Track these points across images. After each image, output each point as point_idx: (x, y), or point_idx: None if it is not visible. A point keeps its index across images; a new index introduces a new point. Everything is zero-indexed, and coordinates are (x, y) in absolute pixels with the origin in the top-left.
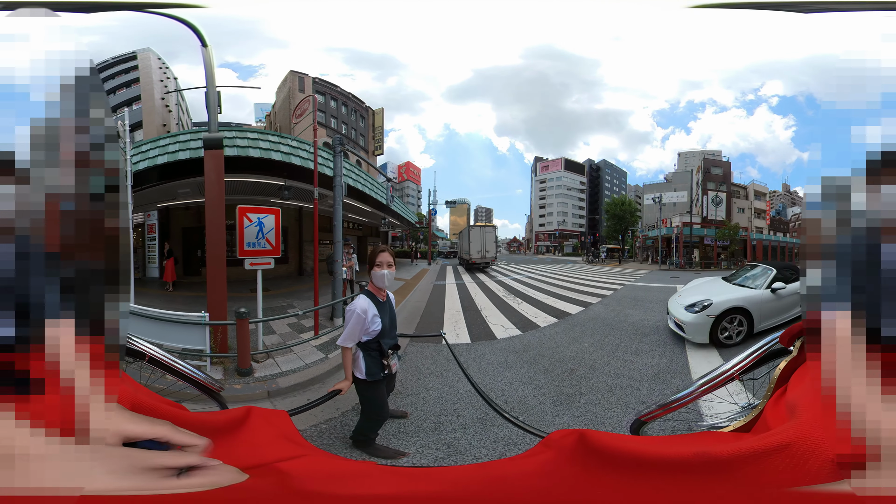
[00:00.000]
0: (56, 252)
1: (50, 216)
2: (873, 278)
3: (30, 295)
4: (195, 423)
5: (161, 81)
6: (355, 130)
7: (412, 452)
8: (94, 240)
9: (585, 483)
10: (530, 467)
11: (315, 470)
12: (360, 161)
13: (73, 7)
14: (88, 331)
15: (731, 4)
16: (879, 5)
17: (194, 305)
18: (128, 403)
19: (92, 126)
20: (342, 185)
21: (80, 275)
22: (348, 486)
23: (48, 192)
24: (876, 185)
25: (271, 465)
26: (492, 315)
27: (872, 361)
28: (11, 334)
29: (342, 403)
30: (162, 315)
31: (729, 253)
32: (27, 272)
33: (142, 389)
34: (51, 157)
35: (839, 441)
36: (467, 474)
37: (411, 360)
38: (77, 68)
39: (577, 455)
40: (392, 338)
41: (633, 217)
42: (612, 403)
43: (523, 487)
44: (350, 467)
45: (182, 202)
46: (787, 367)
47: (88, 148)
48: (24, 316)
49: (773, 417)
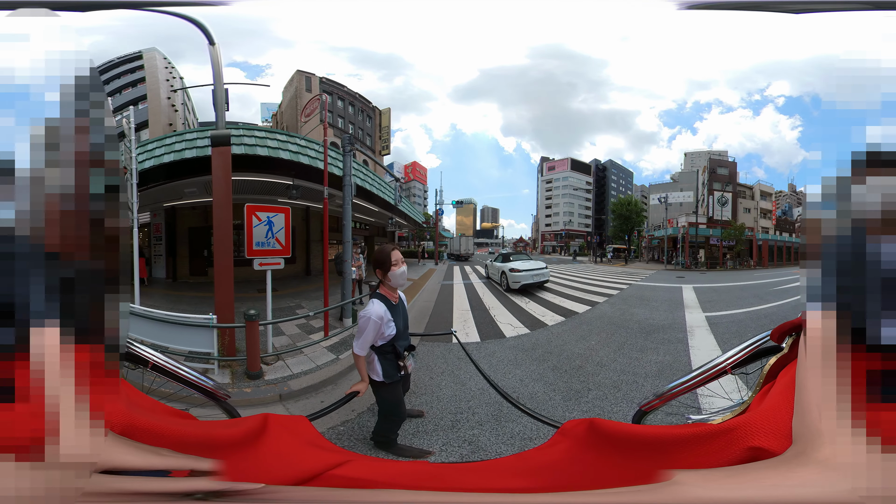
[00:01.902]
0: (56, 252)
1: (50, 216)
2: (855, 278)
3: (24, 299)
4: (208, 438)
5: (167, 81)
6: (362, 130)
7: (437, 451)
8: (95, 240)
9: (601, 465)
10: (559, 455)
11: (381, 472)
12: (367, 161)
13: (75, 7)
14: (86, 337)
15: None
16: (879, 5)
17: (201, 306)
18: (119, 424)
19: (92, 126)
20: (352, 185)
21: (79, 276)
22: (426, 482)
23: (48, 192)
24: (861, 184)
25: (326, 474)
26: (500, 314)
27: (834, 362)
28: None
29: (357, 405)
30: (168, 317)
31: (735, 253)
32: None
33: (143, 403)
34: (51, 157)
35: (762, 434)
36: (513, 465)
37: (423, 360)
38: (77, 69)
39: (590, 441)
40: (406, 339)
41: (639, 217)
42: (619, 398)
43: (561, 473)
44: (410, 467)
45: (188, 202)
46: (777, 364)
47: (89, 148)
48: (19, 322)
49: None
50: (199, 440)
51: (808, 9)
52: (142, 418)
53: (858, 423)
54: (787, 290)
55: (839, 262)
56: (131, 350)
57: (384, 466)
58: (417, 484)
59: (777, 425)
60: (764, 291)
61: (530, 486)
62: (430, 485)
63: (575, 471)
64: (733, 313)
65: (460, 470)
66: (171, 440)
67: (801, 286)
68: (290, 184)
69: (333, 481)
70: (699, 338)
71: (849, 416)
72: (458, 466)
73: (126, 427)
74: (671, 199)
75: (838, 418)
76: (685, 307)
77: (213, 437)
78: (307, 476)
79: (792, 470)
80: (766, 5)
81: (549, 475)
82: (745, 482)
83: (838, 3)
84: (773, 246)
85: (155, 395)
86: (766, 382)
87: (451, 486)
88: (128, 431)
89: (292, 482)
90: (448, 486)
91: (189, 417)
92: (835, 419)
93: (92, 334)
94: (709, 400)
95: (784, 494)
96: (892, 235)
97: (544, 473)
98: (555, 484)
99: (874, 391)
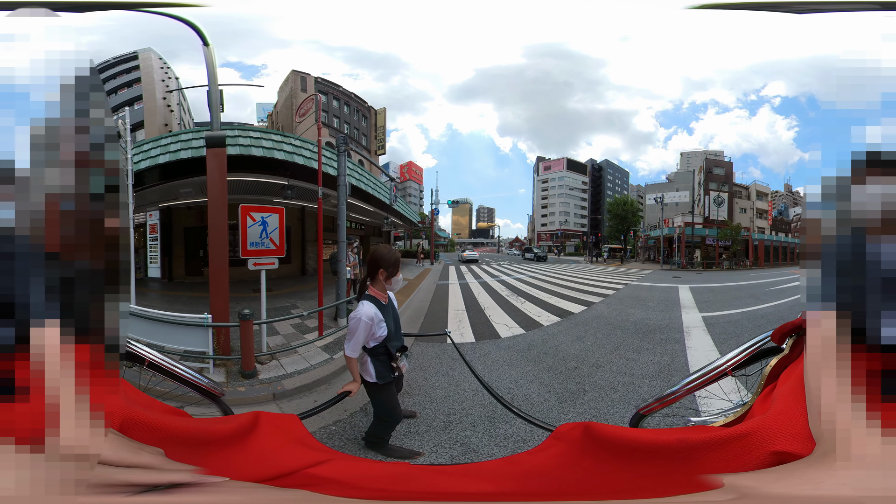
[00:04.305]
0: (55, 252)
1: (50, 216)
2: (857, 279)
3: (24, 298)
4: (199, 433)
5: (163, 81)
6: (357, 130)
7: (427, 452)
8: (94, 240)
9: (596, 471)
10: (551, 460)
11: (354, 473)
12: (362, 161)
13: (73, 7)
14: (86, 336)
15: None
16: (879, 5)
17: (196, 306)
18: (117, 419)
19: (92, 126)
20: (346, 185)
21: (79, 276)
22: (397, 486)
23: (48, 193)
24: (861, 185)
25: (301, 472)
26: (495, 314)
27: (847, 362)
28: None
29: (350, 404)
30: (164, 317)
31: (731, 253)
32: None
33: (140, 400)
34: (51, 157)
35: (784, 437)
36: (500, 469)
37: (417, 360)
38: (77, 68)
39: (586, 446)
40: (398, 340)
41: (635, 217)
42: (615, 400)
43: (552, 479)
44: (387, 469)
45: (184, 202)
46: (778, 365)
47: (88, 148)
48: (19, 322)
49: (759, 413)
50: (191, 435)
51: (810, 9)
52: (139, 413)
53: (876, 421)
54: (784, 291)
55: (839, 263)
56: (128, 348)
57: (363, 467)
58: (392, 487)
59: (795, 428)
60: (760, 291)
61: (518, 491)
62: (405, 488)
63: (569, 477)
64: (730, 313)
65: (443, 473)
66: (164, 434)
67: (801, 286)
68: (285, 184)
69: (305, 480)
70: (696, 338)
71: (865, 415)
72: (441, 469)
73: (125, 421)
74: (667, 199)
75: (855, 417)
76: (681, 307)
77: (203, 432)
78: (281, 472)
79: (831, 470)
80: (770, 6)
81: (539, 480)
82: (802, 483)
83: (839, 3)
84: (769, 246)
85: (151, 393)
86: (768, 384)
87: (428, 489)
88: (126, 425)
89: (265, 477)
90: (424, 489)
91: (184, 415)
92: (851, 418)
93: (92, 333)
94: (707, 401)
95: (837, 493)
96: (892, 236)
97: (534, 478)
98: (546, 490)
99: (889, 388)
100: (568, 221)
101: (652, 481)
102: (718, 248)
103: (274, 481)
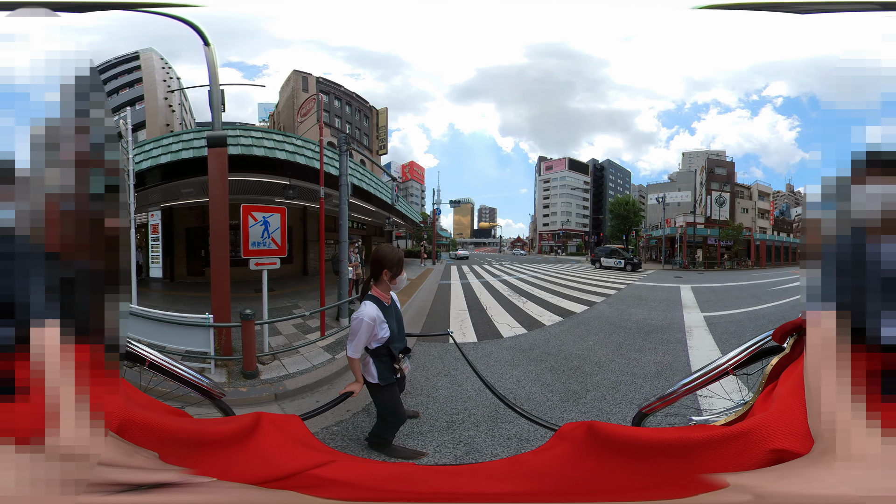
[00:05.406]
0: (56, 252)
1: (50, 216)
2: (857, 279)
3: (24, 298)
4: (198, 434)
5: (164, 81)
6: (359, 130)
7: (430, 452)
8: (94, 240)
9: (601, 469)
10: (556, 460)
11: (359, 474)
12: (364, 160)
13: (73, 7)
14: (86, 336)
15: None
16: (879, 5)
17: (198, 306)
18: (116, 421)
19: (92, 126)
20: (348, 185)
21: (79, 276)
22: (404, 486)
23: (48, 193)
24: (861, 185)
25: (305, 473)
26: (497, 314)
27: (847, 362)
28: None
29: (352, 405)
30: (165, 317)
31: (732, 253)
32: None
33: (140, 400)
34: (51, 157)
35: (782, 435)
36: (507, 469)
37: (419, 360)
38: (77, 68)
39: (590, 445)
40: (401, 341)
41: (636, 217)
42: (617, 399)
43: (559, 478)
44: (392, 470)
45: (185, 202)
46: (779, 364)
47: (88, 148)
48: (19, 321)
49: (760, 412)
50: (190, 436)
51: (813, 9)
52: (138, 413)
53: (876, 421)
54: (786, 290)
55: (839, 263)
56: (129, 348)
57: (367, 468)
58: (398, 487)
59: (794, 426)
60: (762, 291)
61: (523, 491)
62: (412, 489)
63: (574, 476)
64: (731, 313)
65: (448, 473)
66: (162, 435)
67: (801, 286)
68: (286, 184)
69: (309, 481)
70: (698, 338)
71: (865, 415)
72: (446, 469)
73: (123, 421)
74: (669, 199)
75: (855, 417)
76: (683, 307)
77: (204, 433)
78: (283, 474)
79: (831, 468)
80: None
81: (544, 480)
82: (804, 482)
83: (839, 3)
84: (770, 246)
85: (151, 394)
86: (769, 383)
87: (436, 489)
88: (125, 426)
89: (266, 478)
90: (432, 489)
91: (184, 416)
92: (851, 418)
93: (92, 334)
94: (708, 400)
95: (838, 492)
96: (892, 236)
97: (539, 478)
98: (551, 489)
99: (889, 388)
100: (570, 221)
101: (655, 479)
102: (720, 247)
103: (277, 483)
